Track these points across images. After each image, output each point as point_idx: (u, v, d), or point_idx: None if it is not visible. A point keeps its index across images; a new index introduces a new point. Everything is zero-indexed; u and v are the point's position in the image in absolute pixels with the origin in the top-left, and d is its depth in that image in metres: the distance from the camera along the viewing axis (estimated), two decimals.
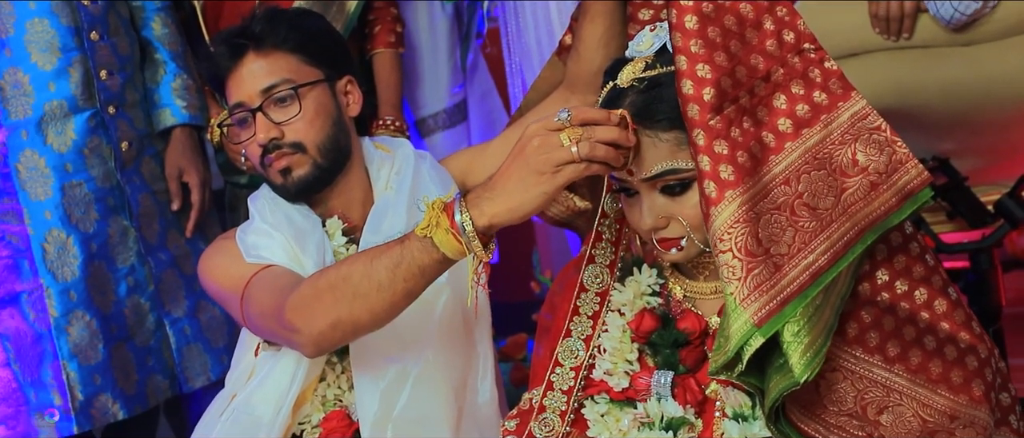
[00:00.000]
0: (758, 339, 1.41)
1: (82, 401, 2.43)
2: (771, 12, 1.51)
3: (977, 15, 2.53)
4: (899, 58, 2.66)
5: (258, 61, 2.00)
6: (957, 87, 2.63)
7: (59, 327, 2.43)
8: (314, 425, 1.96)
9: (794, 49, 1.51)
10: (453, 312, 1.97)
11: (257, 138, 1.99)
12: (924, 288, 1.55)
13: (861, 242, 1.46)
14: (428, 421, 1.92)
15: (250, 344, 2.02)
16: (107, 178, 2.50)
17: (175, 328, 2.59)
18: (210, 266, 2.03)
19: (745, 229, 1.42)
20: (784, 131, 1.48)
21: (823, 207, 1.45)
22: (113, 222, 2.51)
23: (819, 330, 1.43)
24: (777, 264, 1.42)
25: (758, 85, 1.49)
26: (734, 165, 1.44)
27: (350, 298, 1.66)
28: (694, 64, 1.46)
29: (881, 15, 2.60)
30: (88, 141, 2.48)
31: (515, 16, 2.86)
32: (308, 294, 1.74)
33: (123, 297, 2.52)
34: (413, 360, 1.93)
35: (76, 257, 2.46)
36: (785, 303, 1.41)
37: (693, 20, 1.47)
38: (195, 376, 2.61)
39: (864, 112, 1.49)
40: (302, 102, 2.00)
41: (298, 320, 1.74)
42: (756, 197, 1.44)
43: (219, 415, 1.98)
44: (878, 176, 1.47)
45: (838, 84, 1.50)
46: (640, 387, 1.68)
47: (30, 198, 2.44)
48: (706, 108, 1.45)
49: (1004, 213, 2.73)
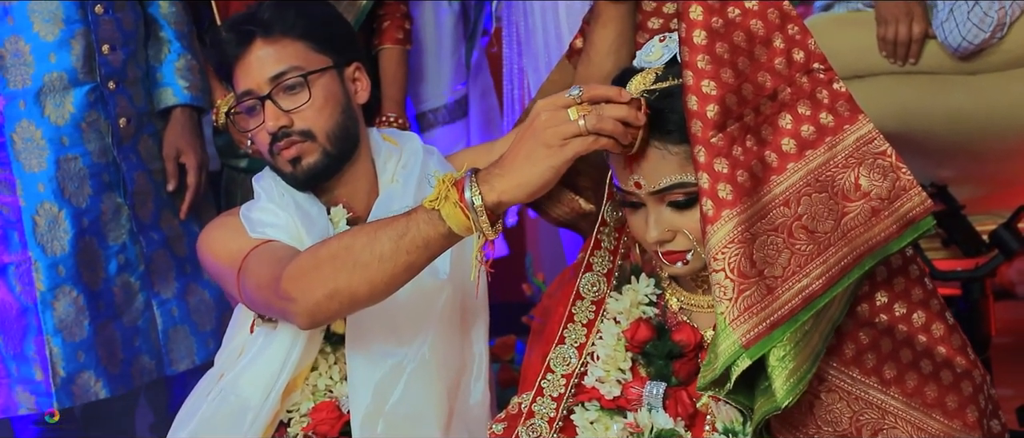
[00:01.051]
0: (745, 361, 1.40)
1: (64, 378, 2.40)
2: (782, 30, 1.50)
3: (984, 45, 2.54)
4: (904, 83, 2.67)
5: (266, 48, 1.98)
6: (960, 115, 2.65)
7: (45, 301, 2.41)
8: (302, 414, 1.94)
9: (803, 68, 1.50)
10: (452, 311, 1.96)
11: (266, 126, 1.98)
12: (922, 311, 1.55)
13: (858, 268, 1.45)
14: (419, 418, 1.90)
15: (243, 322, 2.00)
16: (103, 154, 2.48)
17: (163, 309, 2.57)
18: (210, 240, 2.02)
19: (739, 250, 1.42)
20: (787, 151, 1.47)
21: (822, 230, 1.44)
22: (107, 199, 2.49)
23: (805, 356, 1.42)
24: (770, 286, 1.41)
25: (764, 103, 1.48)
26: (733, 184, 1.43)
27: (350, 268, 1.65)
28: (700, 80, 1.45)
29: (889, 38, 2.61)
30: (86, 115, 2.46)
31: (523, 17, 2.85)
32: (307, 264, 1.73)
33: (112, 275, 2.50)
34: (409, 356, 1.91)
35: (67, 232, 2.43)
36: (775, 327, 1.40)
37: (702, 35, 1.46)
38: (180, 359, 2.59)
39: (870, 136, 1.48)
40: (312, 89, 1.98)
41: (294, 289, 1.73)
42: (753, 218, 1.43)
43: (206, 395, 1.96)
44: (880, 202, 1.46)
45: (846, 106, 1.49)
46: (632, 397, 1.68)
47: (24, 169, 2.42)
48: (709, 125, 1.44)
49: (999, 244, 2.74)
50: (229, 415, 1.90)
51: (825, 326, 1.46)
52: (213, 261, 2.00)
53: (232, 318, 2.05)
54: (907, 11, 2.59)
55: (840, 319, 1.48)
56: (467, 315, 1.99)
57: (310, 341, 1.94)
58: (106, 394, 2.45)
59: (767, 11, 1.49)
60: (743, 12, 1.49)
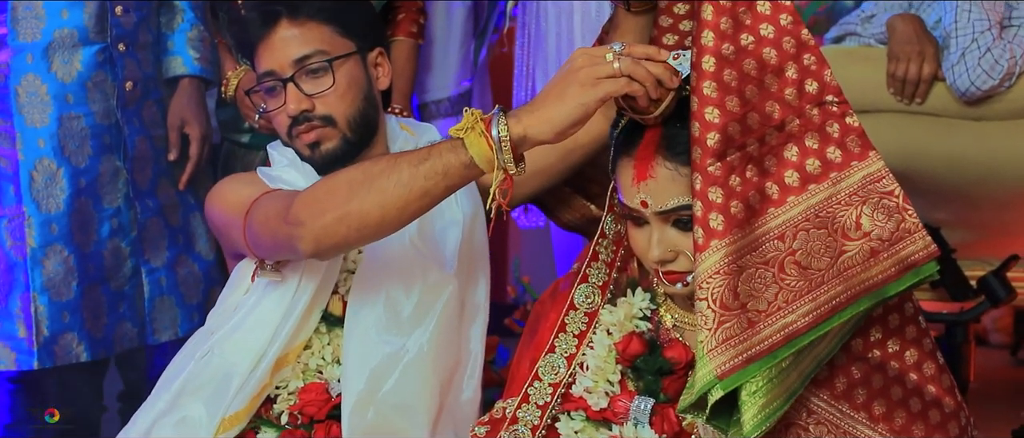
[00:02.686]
0: (718, 391, 1.40)
1: (47, 337, 2.39)
2: (796, 59, 1.47)
3: (992, 92, 2.57)
4: (908, 122, 2.69)
5: (292, 29, 1.97)
6: (961, 159, 2.66)
7: (35, 258, 2.39)
8: (290, 391, 1.93)
9: (815, 100, 1.47)
10: (454, 306, 1.95)
11: (287, 109, 1.97)
12: (915, 349, 1.55)
13: (852, 307, 1.43)
14: (410, 409, 1.89)
15: (240, 282, 1.99)
16: (107, 115, 2.47)
17: (151, 277, 2.55)
18: (222, 190, 2.01)
19: (723, 281, 1.41)
20: (790, 184, 1.45)
21: (816, 268, 1.43)
22: (106, 161, 2.47)
23: (778, 392, 1.42)
24: (751, 320, 1.41)
25: (770, 134, 1.46)
26: (725, 215, 1.42)
27: (365, 191, 1.64)
28: (704, 107, 1.44)
29: (899, 76, 2.62)
30: (93, 75, 2.44)
31: (537, 19, 2.84)
32: (321, 188, 1.74)
33: (104, 238, 2.48)
34: (408, 346, 1.91)
35: (63, 190, 2.42)
36: (751, 361, 1.40)
37: (710, 62, 1.45)
38: (163, 329, 2.57)
39: (879, 175, 1.46)
40: (335, 75, 1.97)
41: (304, 212, 1.72)
42: (743, 250, 1.43)
43: (193, 354, 1.94)
44: (880, 243, 1.43)
45: (857, 142, 1.47)
46: (619, 410, 1.68)
47: (26, 123, 2.41)
48: (708, 153, 1.43)
49: (986, 291, 2.76)
50: (214, 379, 1.89)
51: (808, 364, 1.45)
52: (221, 211, 1.98)
53: (230, 278, 2.03)
54: (919, 51, 2.60)
55: (827, 358, 1.47)
56: (467, 312, 1.98)
57: (305, 315, 1.92)
58: (87, 358, 2.44)
59: (783, 39, 1.47)
60: (757, 40, 1.47)
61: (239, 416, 1.88)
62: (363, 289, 1.93)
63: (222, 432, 1.86)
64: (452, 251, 1.98)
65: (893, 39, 2.65)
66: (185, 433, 1.87)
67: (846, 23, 2.93)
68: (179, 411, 1.89)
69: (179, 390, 1.90)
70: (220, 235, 2.05)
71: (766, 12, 1.47)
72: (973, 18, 2.52)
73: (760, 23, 1.47)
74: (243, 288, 1.98)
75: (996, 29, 2.53)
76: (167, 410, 1.89)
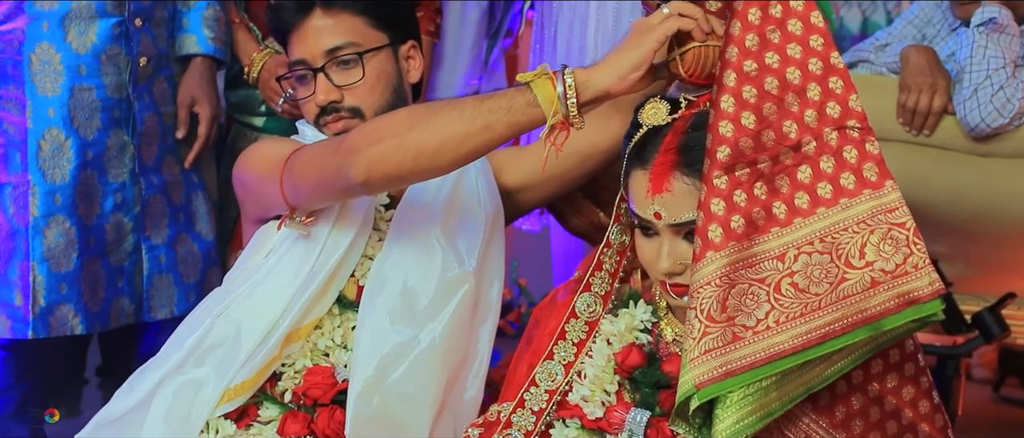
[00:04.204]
0: (696, 400, 1.41)
1: (43, 307, 2.38)
2: (821, 82, 1.47)
3: (1001, 130, 2.57)
4: (915, 153, 2.69)
5: (325, 19, 1.99)
6: (964, 194, 2.66)
7: (37, 227, 2.39)
8: (297, 370, 1.92)
9: (836, 124, 1.46)
10: (468, 304, 1.95)
11: (316, 98, 1.99)
12: (912, 387, 1.55)
13: (846, 336, 1.41)
14: (414, 401, 1.89)
15: (260, 245, 1.99)
16: (118, 89, 2.46)
17: (151, 254, 2.54)
18: (258, 149, 2.03)
19: (713, 293, 1.42)
20: (799, 206, 1.45)
21: (814, 292, 1.42)
22: (114, 135, 2.47)
23: (753, 409, 1.42)
24: (736, 335, 1.41)
25: (785, 153, 1.46)
26: (724, 228, 1.43)
27: (426, 120, 1.68)
28: (719, 120, 1.45)
29: (909, 107, 2.62)
30: (108, 48, 2.44)
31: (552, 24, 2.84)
32: (380, 120, 1.79)
33: (107, 212, 2.47)
34: (420, 337, 1.91)
35: (70, 161, 2.41)
36: (729, 375, 1.40)
37: (731, 76, 1.46)
38: (159, 307, 2.57)
39: (892, 205, 1.44)
40: (366, 67, 1.99)
41: (360, 139, 1.75)
42: (738, 264, 1.42)
43: (211, 312, 1.94)
44: (882, 274, 1.41)
45: (874, 170, 1.45)
46: (614, 421, 1.68)
47: (37, 92, 2.40)
48: (716, 165, 1.44)
49: (981, 326, 2.76)
50: (226, 341, 1.89)
51: (794, 388, 1.45)
52: (256, 167, 1.98)
53: (251, 242, 2.03)
54: (931, 83, 2.61)
55: (819, 386, 1.46)
56: (480, 311, 1.99)
57: (321, 291, 1.93)
58: (82, 330, 2.43)
59: (809, 61, 1.47)
60: (783, 59, 1.47)
61: (245, 386, 1.87)
62: (381, 275, 1.93)
63: (226, 401, 1.87)
64: (472, 249, 1.98)
65: (906, 69, 2.66)
66: (189, 398, 1.87)
67: (859, 50, 2.94)
68: (187, 371, 1.88)
69: (192, 348, 1.90)
70: (248, 193, 2.05)
71: (797, 32, 1.48)
72: (988, 55, 2.53)
73: (788, 43, 1.47)
74: (264, 251, 1.98)
75: (1010, 67, 2.53)
76: (176, 368, 1.89)
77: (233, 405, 1.88)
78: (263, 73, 2.58)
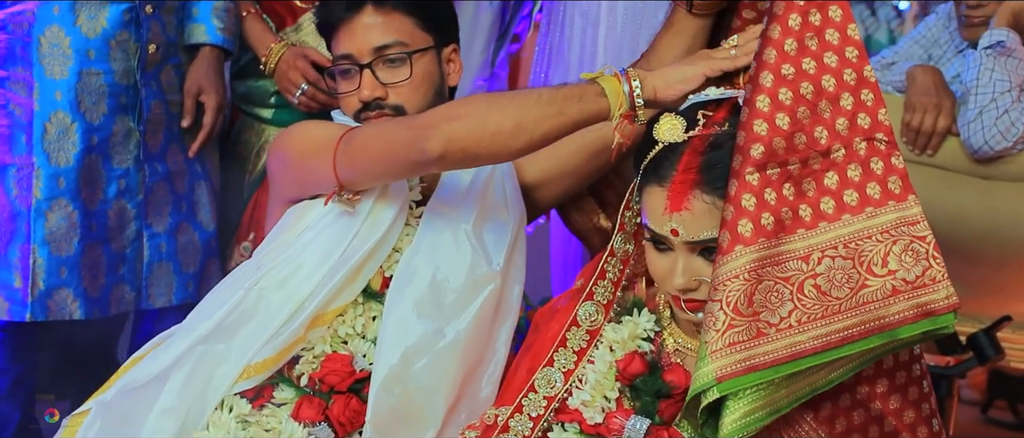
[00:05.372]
0: (714, 393, 1.42)
1: (42, 290, 2.38)
2: (854, 93, 1.50)
3: (1004, 153, 2.58)
4: (917, 173, 2.67)
5: (376, 17, 2.02)
6: (965, 215, 2.67)
7: (39, 210, 2.38)
8: (315, 355, 1.92)
9: (865, 135, 1.49)
10: (492, 303, 1.97)
11: (361, 94, 2.01)
12: (913, 412, 1.56)
13: (863, 342, 1.44)
14: (432, 394, 1.91)
15: (294, 222, 2.00)
16: (126, 75, 2.46)
17: (152, 242, 2.54)
18: (301, 131, 2.05)
19: (741, 287, 1.42)
20: (824, 210, 1.46)
21: (835, 295, 1.44)
22: (120, 121, 2.46)
23: (763, 404, 1.43)
24: (761, 330, 1.42)
25: (814, 158, 1.47)
26: (755, 223, 1.44)
27: (504, 102, 1.79)
28: (754, 119, 1.46)
29: (913, 126, 2.63)
30: (118, 34, 2.43)
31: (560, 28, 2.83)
32: (455, 102, 1.93)
33: (110, 198, 2.47)
34: (445, 332, 1.93)
35: (75, 145, 2.41)
36: (752, 370, 1.41)
37: (769, 78, 1.47)
38: (158, 295, 2.57)
39: (914, 219, 1.47)
40: (413, 68, 2.02)
41: (437, 116, 1.82)
42: (765, 261, 1.44)
43: (243, 284, 1.94)
44: (904, 284, 1.44)
45: (898, 183, 1.48)
46: (613, 427, 1.69)
47: (45, 74, 2.39)
48: (749, 161, 1.45)
49: (976, 348, 2.76)
50: (252, 320, 1.90)
51: (801, 388, 1.46)
52: (297, 149, 2.01)
53: (282, 219, 2.04)
54: (937, 104, 2.62)
55: (824, 387, 1.48)
56: (501, 312, 2.00)
57: (351, 276, 1.94)
58: (81, 315, 2.43)
59: (844, 71, 1.49)
60: (818, 66, 1.49)
61: (266, 364, 1.88)
62: (412, 267, 1.95)
63: (245, 378, 1.88)
64: (499, 250, 2.01)
65: (912, 89, 2.67)
66: (207, 371, 1.87)
67: None
68: (212, 342, 1.89)
69: (220, 320, 1.90)
70: (287, 171, 2.05)
71: (834, 42, 1.50)
72: (995, 78, 2.54)
73: (825, 51, 1.49)
74: (299, 227, 1.99)
75: (1016, 91, 2.54)
76: (204, 338, 1.90)
77: (251, 383, 1.89)
78: (281, 64, 2.59)
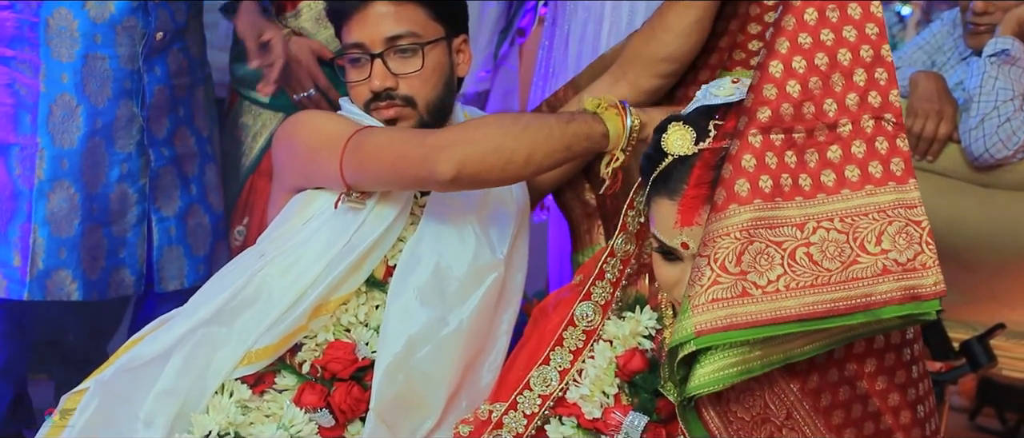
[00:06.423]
0: (691, 346, 1.41)
1: (41, 270, 2.38)
2: (869, 70, 1.48)
3: (1004, 161, 2.58)
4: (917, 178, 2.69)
5: (388, 7, 2.02)
6: (962, 222, 2.67)
7: (41, 191, 2.38)
8: (318, 343, 1.94)
9: (874, 113, 1.47)
10: (495, 291, 1.99)
11: (372, 83, 2.01)
12: (898, 395, 1.56)
13: (846, 317, 1.42)
14: (433, 381, 1.92)
15: (298, 211, 2.01)
16: (131, 61, 2.45)
17: (161, 226, 2.54)
18: (309, 121, 2.05)
19: (732, 244, 1.42)
20: (824, 182, 1.45)
21: (825, 267, 1.43)
22: (124, 106, 2.46)
23: (735, 363, 1.43)
24: (746, 290, 1.41)
25: (820, 130, 1.46)
26: (752, 184, 1.43)
27: (519, 130, 1.84)
28: (764, 83, 1.46)
29: (915, 132, 2.63)
30: (125, 20, 2.42)
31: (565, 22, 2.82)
32: (469, 124, 1.94)
33: (113, 181, 2.47)
34: (448, 320, 1.95)
35: (79, 128, 2.40)
36: (732, 328, 1.40)
37: (785, 44, 1.47)
38: (170, 278, 2.56)
39: (912, 202, 1.46)
40: (425, 59, 2.02)
41: (452, 137, 1.87)
42: (759, 223, 1.43)
43: (246, 270, 1.95)
44: (894, 264, 1.43)
45: (901, 165, 1.47)
46: (611, 422, 1.70)
47: (52, 56, 2.38)
48: (754, 123, 1.45)
49: (968, 355, 2.76)
50: (253, 307, 1.91)
51: (776, 354, 1.45)
52: (305, 141, 2.01)
53: (286, 207, 2.04)
54: (938, 110, 2.62)
55: (799, 357, 1.47)
56: (504, 300, 2.02)
57: (355, 267, 1.95)
58: (79, 297, 2.43)
59: (861, 47, 1.48)
60: (836, 39, 1.48)
61: (267, 351, 1.89)
62: (416, 256, 1.97)
63: (246, 364, 1.89)
64: (503, 238, 2.03)
65: (914, 95, 2.67)
66: (207, 354, 1.89)
67: None
68: (213, 325, 1.90)
69: (221, 305, 1.91)
70: (294, 160, 2.06)
71: (855, 16, 1.48)
72: (998, 86, 2.54)
73: (845, 25, 1.48)
74: (304, 216, 2.00)
75: (1019, 101, 2.55)
76: (203, 323, 1.90)
77: (252, 369, 1.90)
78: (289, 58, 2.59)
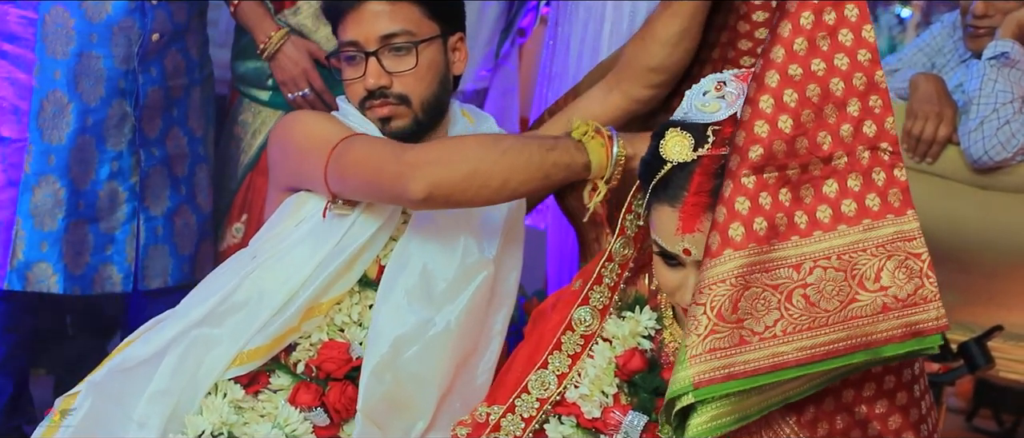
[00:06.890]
0: (689, 398, 1.39)
1: (21, 261, 2.40)
2: (862, 98, 1.45)
3: (1004, 164, 2.58)
4: (916, 180, 2.67)
5: (383, 5, 2.01)
6: (961, 224, 2.67)
7: (27, 184, 2.40)
8: (312, 343, 1.94)
9: (869, 144, 1.44)
10: (485, 291, 1.98)
11: (366, 82, 2.01)
12: (900, 416, 1.53)
13: (845, 357, 1.40)
14: (424, 381, 1.92)
15: (290, 213, 2.01)
16: (126, 61, 2.46)
17: (148, 225, 2.54)
18: (303, 120, 2.05)
19: (727, 292, 1.40)
20: (820, 219, 1.43)
21: (823, 307, 1.41)
22: (116, 105, 2.46)
23: (732, 410, 1.41)
24: (744, 338, 1.39)
25: (814, 164, 1.44)
26: (747, 228, 1.41)
27: (496, 155, 1.82)
28: (755, 119, 1.42)
29: (915, 134, 2.63)
30: (122, 21, 2.43)
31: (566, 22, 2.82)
32: (447, 143, 1.92)
33: (102, 179, 2.48)
34: (436, 320, 1.94)
35: (69, 125, 2.41)
36: (731, 378, 1.38)
37: (775, 77, 1.43)
38: (154, 277, 2.57)
39: (911, 234, 1.42)
40: (419, 57, 2.01)
41: (428, 156, 1.85)
42: (754, 267, 1.41)
43: (238, 272, 1.95)
44: (894, 301, 1.40)
45: (898, 196, 1.43)
46: (611, 422, 1.70)
47: (46, 53, 2.39)
48: (746, 164, 1.41)
49: (966, 357, 2.76)
50: (245, 308, 1.91)
51: (773, 397, 1.44)
52: (302, 140, 2.00)
53: (280, 208, 2.05)
54: (938, 112, 2.62)
55: (796, 397, 1.46)
56: (495, 300, 2.02)
57: (345, 268, 1.94)
58: (60, 290, 2.44)
59: (854, 75, 1.45)
60: (828, 68, 1.44)
61: (259, 352, 1.90)
62: (404, 256, 1.96)
63: (238, 365, 1.89)
64: (493, 237, 2.01)
65: (914, 96, 2.67)
66: (200, 355, 1.89)
67: None
68: (205, 326, 1.90)
69: (213, 306, 1.91)
70: (287, 160, 2.06)
71: (846, 43, 1.45)
72: (997, 88, 2.54)
73: (837, 52, 1.45)
74: (296, 218, 2.00)
75: (1018, 103, 2.55)
76: (195, 324, 1.90)
77: (244, 370, 1.90)
78: (282, 56, 2.61)
